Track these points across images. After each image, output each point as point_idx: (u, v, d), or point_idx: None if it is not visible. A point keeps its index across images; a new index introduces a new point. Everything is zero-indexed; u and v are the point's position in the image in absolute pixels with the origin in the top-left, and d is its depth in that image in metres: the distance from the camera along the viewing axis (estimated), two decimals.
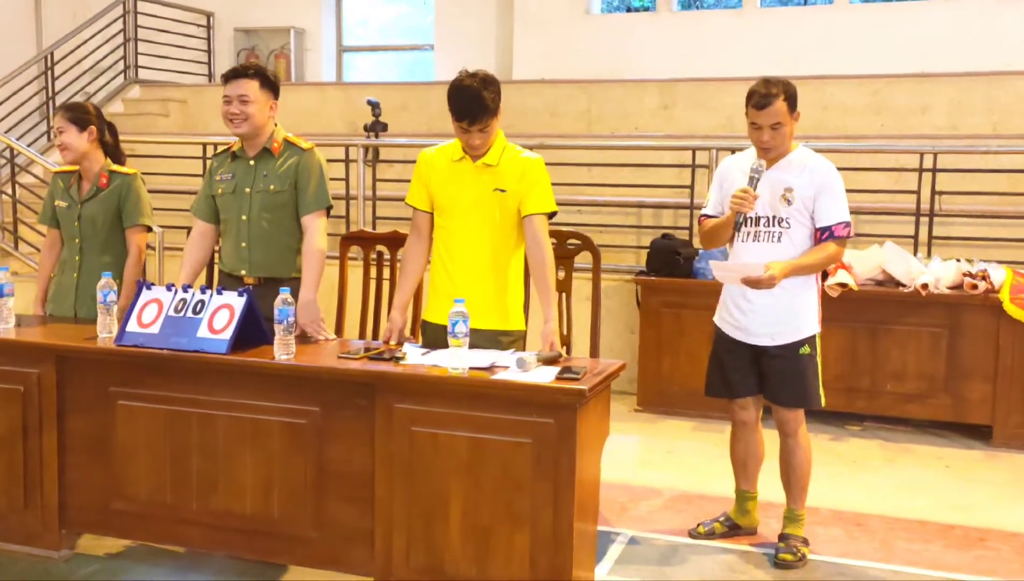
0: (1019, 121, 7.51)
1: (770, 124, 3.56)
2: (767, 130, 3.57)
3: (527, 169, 3.48)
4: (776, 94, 3.54)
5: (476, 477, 3.07)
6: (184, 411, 3.40)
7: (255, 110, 3.74)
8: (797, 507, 3.81)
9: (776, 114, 3.55)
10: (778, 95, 3.55)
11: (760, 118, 3.57)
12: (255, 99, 3.73)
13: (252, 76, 3.75)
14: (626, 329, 6.25)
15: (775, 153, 3.63)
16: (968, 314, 5.35)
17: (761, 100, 3.55)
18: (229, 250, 3.87)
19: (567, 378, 3.06)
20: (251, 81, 3.74)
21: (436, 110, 8.82)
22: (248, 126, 3.75)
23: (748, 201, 3.56)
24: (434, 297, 3.61)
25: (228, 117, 3.75)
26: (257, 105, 3.74)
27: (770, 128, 3.57)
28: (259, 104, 3.74)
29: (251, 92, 3.73)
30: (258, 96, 3.74)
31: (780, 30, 9.11)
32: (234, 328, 3.34)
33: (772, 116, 3.55)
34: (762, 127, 3.58)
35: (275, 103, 3.81)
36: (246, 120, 3.73)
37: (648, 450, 5.17)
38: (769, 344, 3.68)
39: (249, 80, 3.74)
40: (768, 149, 3.61)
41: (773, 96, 3.54)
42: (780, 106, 3.55)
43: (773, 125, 3.57)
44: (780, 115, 3.56)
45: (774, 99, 3.54)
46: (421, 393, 3.14)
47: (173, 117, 9.94)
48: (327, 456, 3.26)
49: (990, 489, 4.61)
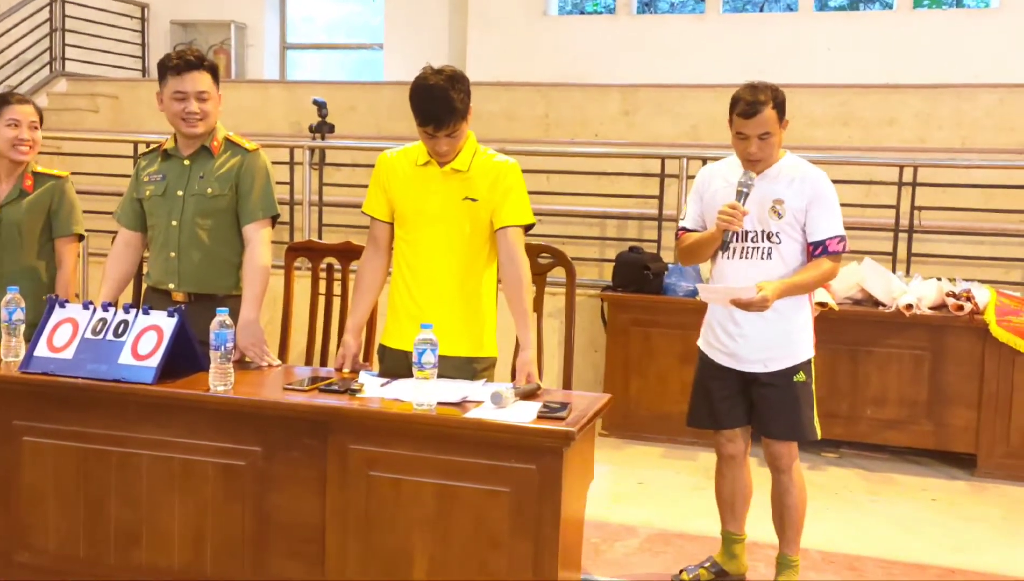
0: (988, 135, 7.35)
1: (758, 134, 3.21)
2: (755, 141, 3.22)
3: (500, 175, 3.08)
4: (764, 101, 3.19)
5: (444, 531, 2.65)
6: (102, 450, 2.93)
7: (213, 108, 3.31)
8: (791, 552, 3.47)
9: (765, 123, 3.20)
10: (767, 102, 3.19)
11: (747, 128, 3.21)
12: (213, 95, 3.30)
13: (206, 68, 3.29)
14: (590, 347, 5.88)
15: (764, 166, 3.29)
16: (952, 337, 5.08)
17: (748, 108, 3.19)
18: (156, 260, 3.41)
19: (551, 416, 2.66)
20: (205, 74, 3.29)
21: (386, 111, 8.45)
22: (206, 126, 3.31)
23: (737, 218, 3.21)
24: (394, 319, 3.19)
25: (183, 116, 3.27)
26: (215, 102, 3.31)
27: (758, 138, 3.22)
28: (216, 100, 3.32)
29: (208, 87, 3.29)
30: (213, 92, 3.31)
31: (743, 37, 8.88)
32: (162, 354, 2.89)
33: (760, 125, 3.20)
34: (749, 137, 3.22)
35: (220, 96, 3.38)
36: (204, 120, 3.28)
37: (617, 481, 4.79)
38: (761, 371, 3.34)
39: (203, 73, 3.28)
40: (756, 161, 3.27)
41: (761, 104, 3.18)
42: (769, 114, 3.20)
43: (761, 135, 3.21)
44: (769, 124, 3.21)
45: (762, 107, 3.18)
46: (380, 432, 2.72)
47: (103, 113, 9.35)
48: (270, 504, 2.81)
49: (984, 527, 4.33)
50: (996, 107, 7.40)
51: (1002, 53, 8.12)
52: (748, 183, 3.25)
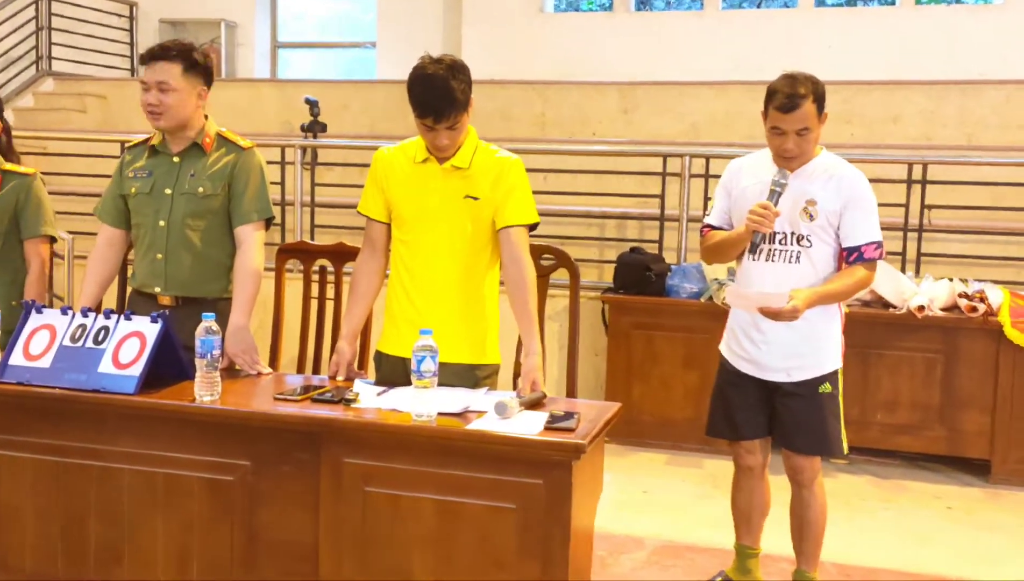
0: (994, 133, 7.20)
1: (796, 129, 3.01)
2: (792, 137, 3.02)
3: (503, 172, 2.91)
4: (805, 95, 2.98)
5: (446, 550, 2.49)
6: (81, 464, 2.75)
7: (176, 100, 3.09)
8: (809, 569, 3.31)
9: (804, 118, 3.00)
10: (807, 96, 2.98)
11: (785, 123, 3.01)
12: (177, 86, 3.08)
13: (174, 58, 3.09)
14: (591, 351, 5.71)
15: (800, 163, 3.09)
16: (965, 339, 4.92)
17: (787, 102, 2.98)
18: (141, 262, 3.24)
19: (559, 427, 2.50)
20: (172, 64, 3.09)
21: (379, 110, 8.27)
22: (168, 120, 3.11)
23: (768, 220, 3.02)
24: (391, 324, 3.02)
25: (145, 108, 3.11)
26: (179, 94, 3.09)
27: (796, 134, 3.02)
28: (182, 93, 3.09)
29: (172, 78, 3.08)
30: (181, 83, 3.09)
31: (742, 33, 8.73)
32: (145, 362, 2.71)
33: (799, 121, 3.00)
34: (786, 133, 3.02)
35: (205, 90, 3.16)
36: (164, 113, 3.09)
37: (621, 489, 4.63)
38: (784, 380, 3.17)
39: (170, 63, 3.08)
40: (791, 158, 3.08)
41: (801, 97, 2.98)
42: (809, 109, 3.00)
43: (800, 131, 3.01)
44: (808, 119, 3.00)
45: (802, 100, 2.98)
46: (377, 445, 2.55)
47: (91, 113, 9.16)
48: (259, 521, 2.64)
49: (1004, 537, 4.18)
50: (1002, 104, 7.26)
51: (1007, 49, 7.99)
52: (782, 182, 3.06)
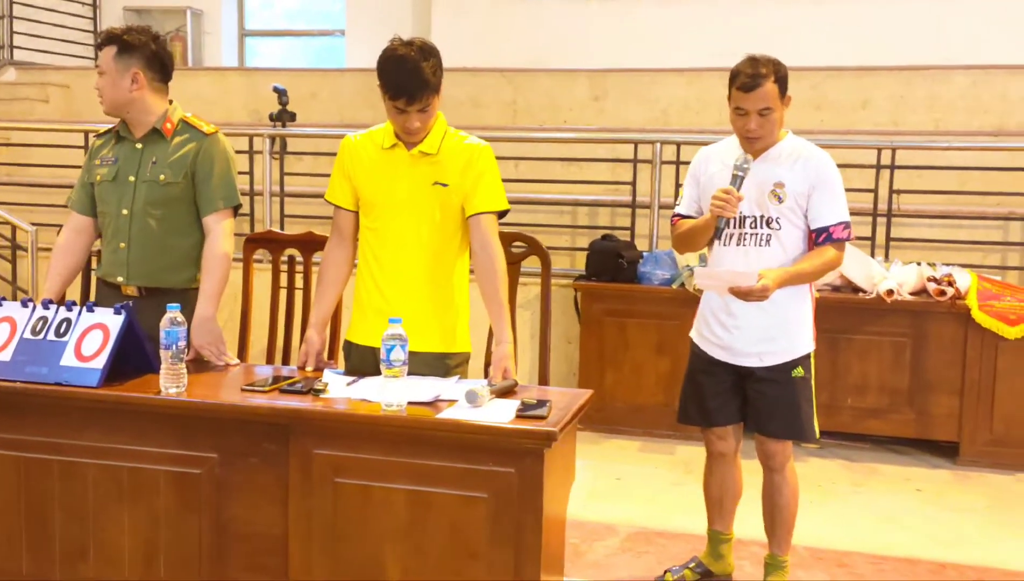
0: (962, 117, 7.24)
1: (758, 109, 3.04)
2: (754, 117, 3.05)
3: (473, 158, 2.88)
4: (766, 75, 3.02)
5: (418, 541, 2.46)
6: (43, 459, 2.69)
7: (106, 83, 3.08)
8: (781, 553, 3.32)
9: (765, 97, 3.03)
10: (768, 76, 3.03)
11: (746, 102, 3.04)
12: (107, 69, 3.07)
13: (109, 41, 3.08)
14: (563, 338, 5.71)
15: (762, 144, 3.12)
16: (933, 322, 4.96)
17: (748, 81, 3.02)
18: (105, 251, 3.20)
19: (530, 415, 2.48)
20: (108, 48, 3.08)
21: (348, 98, 8.19)
22: (105, 104, 3.11)
23: (731, 204, 3.03)
24: (360, 313, 2.98)
25: None
26: (110, 77, 3.06)
27: (758, 114, 3.04)
28: (111, 75, 3.06)
29: (104, 62, 3.08)
30: (111, 66, 3.06)
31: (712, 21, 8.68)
32: (108, 354, 2.66)
33: (761, 100, 3.03)
34: (748, 113, 3.05)
35: (140, 73, 3.07)
36: (103, 97, 3.10)
37: (595, 477, 4.63)
38: (757, 365, 3.17)
39: (106, 48, 3.08)
40: (754, 139, 3.09)
41: (762, 76, 3.02)
42: (770, 88, 3.03)
43: (761, 110, 3.04)
44: (770, 99, 3.03)
45: (763, 80, 3.02)
46: (347, 435, 2.51)
47: (54, 103, 8.99)
48: (228, 515, 2.60)
49: (972, 518, 4.21)
50: (969, 89, 7.30)
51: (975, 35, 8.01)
52: (744, 166, 3.07)
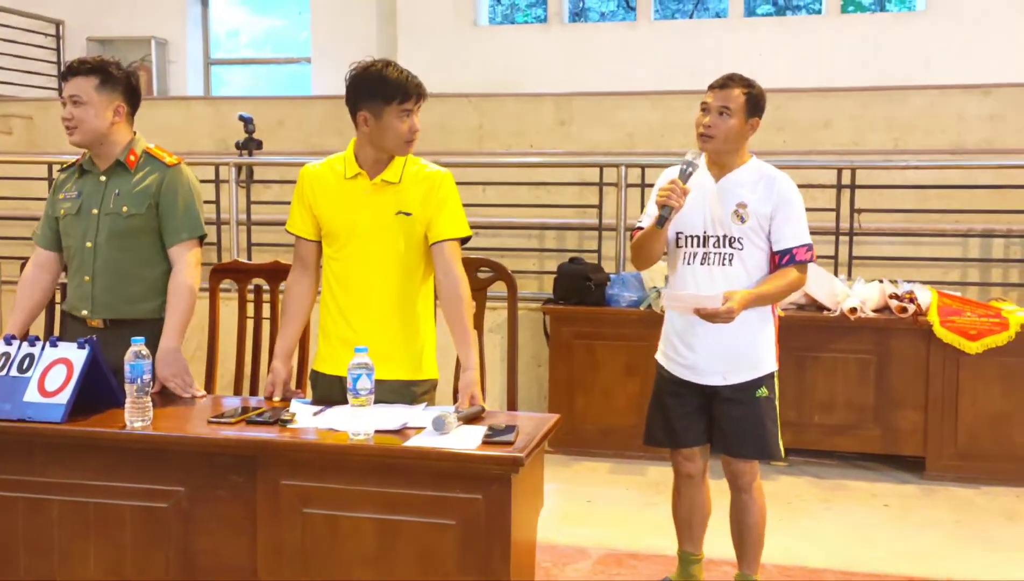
0: (919, 136, 7.38)
1: (718, 106, 3.13)
2: (713, 114, 3.14)
3: (434, 186, 2.90)
4: (738, 82, 3.17)
5: (387, 570, 2.46)
6: (7, 496, 2.67)
7: (88, 114, 3.04)
8: (751, 572, 3.34)
9: (729, 99, 3.13)
10: (739, 84, 3.17)
11: (711, 98, 3.17)
12: (89, 100, 3.03)
13: (89, 72, 3.04)
14: (533, 362, 5.73)
15: (714, 146, 3.17)
16: (897, 339, 5.04)
17: (719, 81, 3.19)
18: (70, 284, 3.18)
19: (497, 441, 2.49)
20: (87, 79, 3.04)
21: (316, 126, 8.20)
22: (80, 134, 3.06)
23: (676, 194, 3.07)
24: (325, 343, 2.98)
25: (64, 124, 3.06)
26: (92, 108, 3.03)
27: (717, 111, 3.13)
28: (95, 107, 3.04)
29: (84, 92, 3.03)
30: (94, 97, 3.04)
31: (675, 44, 8.84)
32: (72, 389, 2.65)
33: (724, 99, 3.14)
34: (709, 108, 3.15)
35: (122, 105, 3.10)
36: (77, 127, 3.04)
37: (565, 499, 4.64)
38: (721, 384, 3.20)
39: (85, 77, 3.04)
40: (707, 137, 3.16)
41: (734, 82, 3.17)
42: (737, 94, 3.14)
43: (721, 109, 3.13)
44: (732, 101, 3.13)
45: (733, 85, 3.16)
46: (315, 466, 2.52)
47: (17, 135, 8.93)
48: (195, 548, 2.59)
49: (938, 532, 4.26)
50: (927, 109, 7.45)
51: (931, 56, 8.21)
52: (693, 162, 3.13)
